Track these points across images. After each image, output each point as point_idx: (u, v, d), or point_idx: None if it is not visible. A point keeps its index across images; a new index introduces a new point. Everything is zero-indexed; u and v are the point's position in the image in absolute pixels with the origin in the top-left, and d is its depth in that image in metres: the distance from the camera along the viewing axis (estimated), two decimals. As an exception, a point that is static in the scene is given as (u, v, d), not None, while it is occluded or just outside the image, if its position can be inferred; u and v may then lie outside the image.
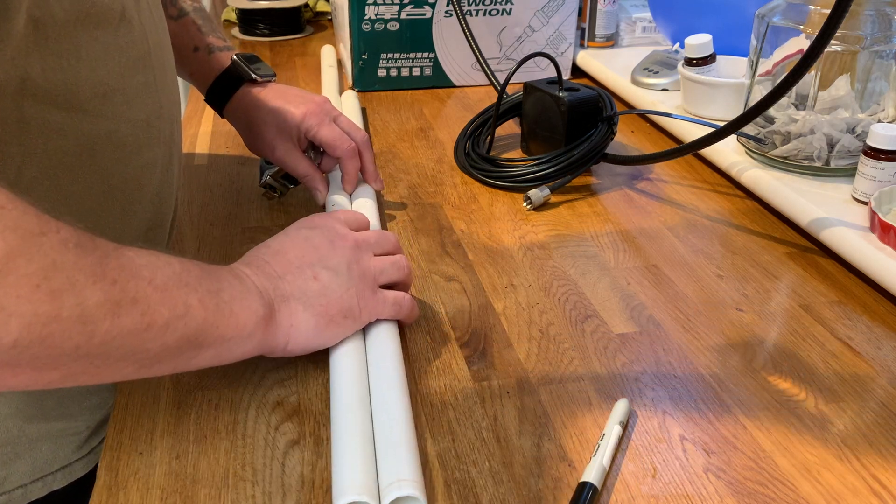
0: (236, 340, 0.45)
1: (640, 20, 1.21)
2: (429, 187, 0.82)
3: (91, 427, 0.57)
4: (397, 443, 0.44)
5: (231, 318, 0.44)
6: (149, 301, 0.39)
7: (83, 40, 0.48)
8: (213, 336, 0.44)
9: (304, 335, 0.49)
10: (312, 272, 0.51)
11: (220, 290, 0.44)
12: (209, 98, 0.75)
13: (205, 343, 0.43)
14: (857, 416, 0.50)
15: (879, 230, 0.63)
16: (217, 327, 0.44)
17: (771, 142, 0.77)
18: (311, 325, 0.49)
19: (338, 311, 0.50)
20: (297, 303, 0.49)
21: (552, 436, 0.48)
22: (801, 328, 0.59)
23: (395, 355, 0.52)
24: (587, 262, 0.68)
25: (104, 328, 0.37)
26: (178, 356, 0.43)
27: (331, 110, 0.73)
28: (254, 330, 0.46)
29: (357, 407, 0.47)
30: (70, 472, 0.56)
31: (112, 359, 0.39)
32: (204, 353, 0.44)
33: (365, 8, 1.05)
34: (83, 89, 0.49)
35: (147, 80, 0.55)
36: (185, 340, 0.42)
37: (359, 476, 0.41)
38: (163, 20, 0.61)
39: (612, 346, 0.57)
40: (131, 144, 0.54)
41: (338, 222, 0.55)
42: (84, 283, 0.37)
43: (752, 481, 0.45)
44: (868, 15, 0.71)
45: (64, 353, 0.36)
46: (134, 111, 0.54)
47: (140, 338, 0.39)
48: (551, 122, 0.82)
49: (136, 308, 0.39)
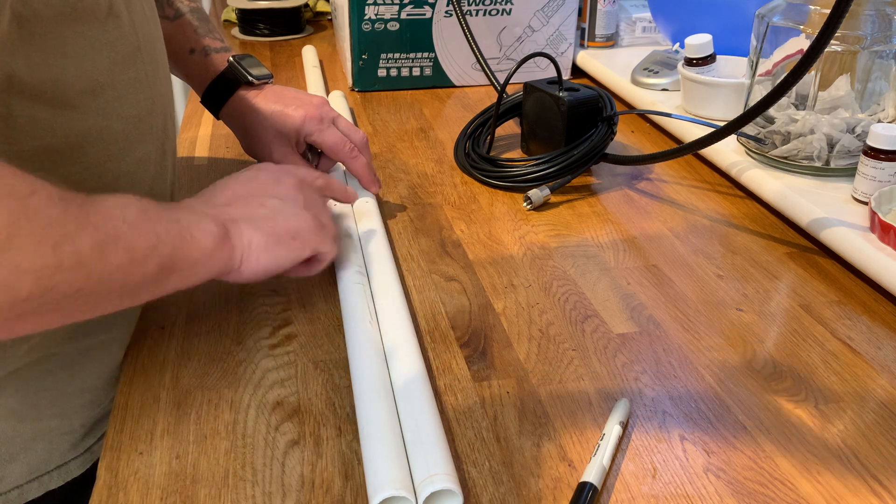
0: (202, 262, 0.49)
1: (640, 20, 1.21)
2: (429, 187, 0.82)
3: (86, 425, 0.57)
4: (427, 436, 0.44)
5: (192, 241, 0.48)
6: (127, 238, 0.43)
7: (68, 36, 0.48)
8: (182, 260, 0.47)
9: (256, 254, 0.52)
10: (258, 201, 0.55)
11: (179, 219, 0.48)
12: (205, 101, 0.75)
13: (176, 268, 0.47)
14: (857, 416, 0.50)
15: (879, 230, 0.63)
16: (183, 251, 0.47)
17: (771, 142, 0.77)
18: (262, 243, 0.52)
19: (286, 232, 0.54)
20: (247, 224, 0.52)
21: (552, 436, 0.48)
22: (801, 328, 0.59)
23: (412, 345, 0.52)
24: (587, 262, 0.68)
25: (98, 269, 0.41)
26: (156, 283, 0.46)
27: (329, 112, 0.73)
28: (213, 250, 0.49)
29: (383, 402, 0.47)
30: (66, 472, 0.56)
31: (104, 295, 0.43)
32: (175, 277, 0.47)
33: (365, 8, 1.05)
34: (71, 85, 0.49)
35: (138, 76, 0.55)
36: (161, 268, 0.45)
37: (394, 471, 0.42)
38: (154, 15, 0.60)
39: (612, 346, 0.57)
40: (123, 140, 0.54)
41: (285, 167, 0.60)
42: (75, 233, 0.40)
43: (752, 481, 0.45)
44: (868, 15, 0.71)
45: (66, 297, 0.40)
46: (125, 107, 0.53)
47: (126, 271, 0.43)
48: (551, 122, 0.82)
49: (119, 245, 0.42)
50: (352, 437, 0.48)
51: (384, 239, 0.66)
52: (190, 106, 1.04)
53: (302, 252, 0.55)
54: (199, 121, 0.99)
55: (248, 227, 0.52)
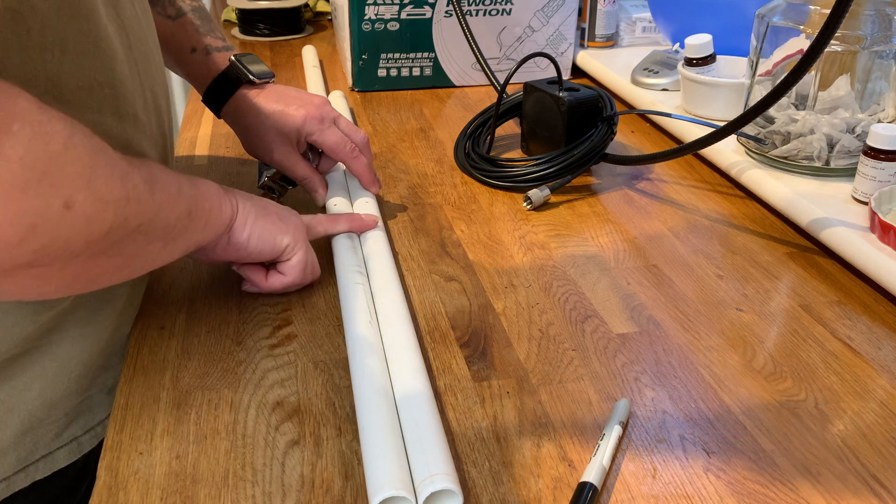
0: (214, 213, 0.53)
1: (640, 20, 1.21)
2: (429, 187, 0.82)
3: (70, 414, 0.56)
4: (427, 436, 0.44)
5: (203, 191, 0.52)
6: (161, 179, 0.46)
7: (70, 33, 0.48)
8: (200, 209, 0.51)
9: (244, 218, 0.57)
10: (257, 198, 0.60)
11: (180, 176, 0.51)
12: (206, 100, 0.75)
13: (197, 213, 0.51)
14: (857, 416, 0.50)
15: (879, 230, 0.63)
16: (199, 201, 0.51)
17: (771, 142, 0.77)
18: (252, 212, 0.57)
19: (274, 214, 0.59)
20: (241, 197, 0.58)
21: (552, 436, 0.48)
22: (801, 328, 0.59)
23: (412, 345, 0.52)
24: (587, 262, 0.68)
25: (151, 204, 0.44)
26: (186, 230, 0.50)
27: (330, 112, 0.73)
28: (219, 203, 0.54)
29: (383, 402, 0.47)
30: (52, 462, 0.55)
31: (158, 234, 0.46)
32: (196, 227, 0.51)
33: (365, 8, 1.05)
34: (67, 82, 0.49)
35: (130, 74, 0.55)
36: (188, 213, 0.49)
37: (394, 471, 0.42)
38: (147, 15, 0.60)
39: (612, 346, 0.57)
40: (117, 137, 0.53)
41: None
42: (128, 169, 0.43)
43: (752, 481, 0.45)
44: (868, 15, 0.71)
45: (131, 232, 0.43)
46: (120, 104, 0.53)
47: (169, 209, 0.47)
48: (551, 122, 0.82)
49: (158, 184, 0.46)
50: (352, 437, 0.48)
51: (384, 239, 0.66)
52: (190, 106, 1.04)
53: (282, 234, 0.59)
54: (199, 120, 0.99)
55: (242, 199, 0.58)
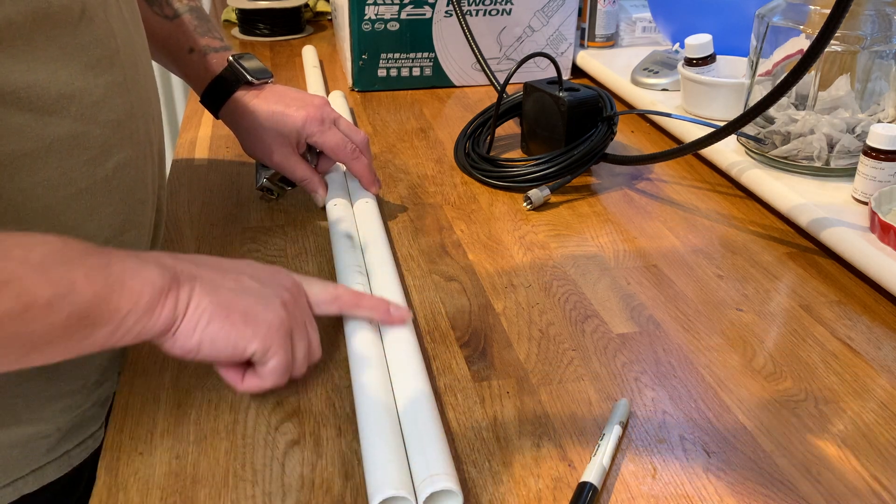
0: (133, 314, 0.42)
1: (640, 20, 1.21)
2: (429, 187, 0.82)
3: (62, 430, 0.55)
4: (427, 436, 0.44)
5: (124, 289, 0.42)
6: (23, 281, 0.38)
7: (39, 41, 0.47)
8: (106, 312, 0.41)
9: (195, 320, 0.45)
10: (235, 276, 0.48)
11: (109, 263, 0.42)
12: (205, 101, 0.74)
13: (98, 321, 0.41)
14: (857, 416, 0.50)
15: (879, 230, 0.63)
16: (109, 301, 0.41)
17: (771, 142, 0.77)
18: (208, 311, 0.45)
19: (239, 310, 0.46)
20: (203, 286, 0.46)
21: (552, 436, 0.48)
22: (801, 328, 0.59)
23: (412, 345, 0.52)
24: (587, 262, 0.68)
25: None
26: (70, 337, 0.41)
27: (330, 113, 0.73)
28: (150, 302, 0.43)
29: (383, 402, 0.47)
30: (41, 476, 0.55)
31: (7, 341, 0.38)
32: (99, 332, 0.42)
33: (365, 8, 1.05)
34: (45, 90, 0.48)
35: (115, 80, 0.53)
36: (75, 319, 0.40)
37: (394, 471, 0.42)
38: (136, 19, 0.59)
39: (612, 346, 0.57)
40: (100, 146, 0.52)
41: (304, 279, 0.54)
42: None
43: (752, 481, 0.45)
44: (868, 15, 0.71)
45: None
46: (103, 112, 0.52)
47: (21, 320, 0.38)
48: (551, 122, 0.82)
49: (9, 290, 0.37)
50: (352, 437, 0.48)
51: (384, 239, 0.66)
52: (190, 106, 1.04)
53: (245, 341, 0.46)
54: (199, 121, 0.99)
55: (201, 289, 0.45)
